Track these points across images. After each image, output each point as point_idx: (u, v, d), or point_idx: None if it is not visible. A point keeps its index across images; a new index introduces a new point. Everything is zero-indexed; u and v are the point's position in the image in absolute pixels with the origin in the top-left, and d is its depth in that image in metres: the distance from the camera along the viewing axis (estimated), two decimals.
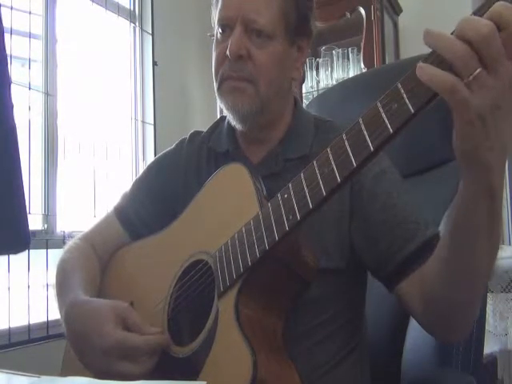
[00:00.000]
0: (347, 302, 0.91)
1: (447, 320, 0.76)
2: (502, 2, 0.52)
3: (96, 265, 1.02)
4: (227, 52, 0.87)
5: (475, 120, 0.53)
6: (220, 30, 0.92)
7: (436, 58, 0.54)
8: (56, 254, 1.04)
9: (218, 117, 1.08)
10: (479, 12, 0.53)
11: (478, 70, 0.51)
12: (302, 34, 0.94)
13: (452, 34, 0.53)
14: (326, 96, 1.40)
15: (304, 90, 2.70)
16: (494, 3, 0.52)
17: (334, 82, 2.61)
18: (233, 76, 0.89)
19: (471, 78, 0.52)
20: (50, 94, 2.22)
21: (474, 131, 0.54)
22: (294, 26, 0.91)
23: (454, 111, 0.54)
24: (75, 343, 0.83)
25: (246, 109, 0.89)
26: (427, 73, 0.52)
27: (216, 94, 0.94)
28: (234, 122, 0.93)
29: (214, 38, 0.94)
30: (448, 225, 0.68)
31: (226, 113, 0.94)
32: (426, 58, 0.55)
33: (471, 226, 0.64)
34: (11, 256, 1.64)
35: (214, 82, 0.93)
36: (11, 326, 1.90)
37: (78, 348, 0.83)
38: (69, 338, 0.85)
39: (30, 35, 2.08)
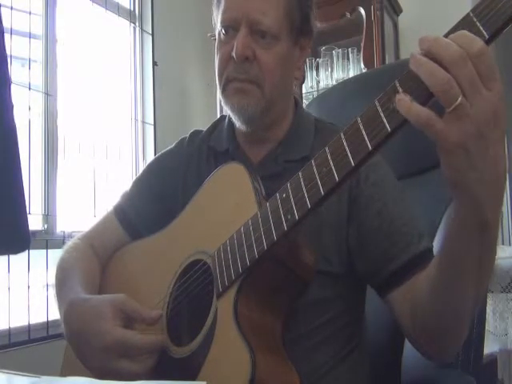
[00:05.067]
0: (347, 304, 0.91)
1: (434, 337, 0.75)
2: (460, 32, 0.52)
3: (95, 265, 1.01)
4: (233, 53, 0.87)
5: (455, 149, 0.53)
6: (223, 31, 0.91)
7: (414, 87, 0.54)
8: (56, 254, 1.04)
9: (218, 117, 1.08)
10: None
11: (460, 99, 0.51)
12: (305, 34, 0.94)
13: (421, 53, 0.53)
14: (326, 96, 1.40)
15: (304, 90, 2.70)
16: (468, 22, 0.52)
17: (334, 82, 2.60)
18: (238, 78, 0.88)
19: (452, 107, 0.51)
20: (49, 94, 2.22)
21: (457, 160, 0.54)
22: (297, 26, 0.91)
23: (435, 142, 0.54)
24: (74, 342, 0.83)
25: (252, 110, 0.88)
26: (404, 106, 0.54)
27: (220, 96, 0.93)
28: (238, 124, 0.93)
29: (216, 38, 0.93)
30: (438, 245, 0.67)
31: (231, 115, 0.93)
32: (402, 82, 0.55)
33: (459, 253, 0.63)
34: (11, 256, 1.64)
35: (218, 84, 0.92)
36: (11, 326, 1.91)
37: (77, 347, 0.82)
38: (68, 337, 0.85)
39: (30, 35, 2.09)
